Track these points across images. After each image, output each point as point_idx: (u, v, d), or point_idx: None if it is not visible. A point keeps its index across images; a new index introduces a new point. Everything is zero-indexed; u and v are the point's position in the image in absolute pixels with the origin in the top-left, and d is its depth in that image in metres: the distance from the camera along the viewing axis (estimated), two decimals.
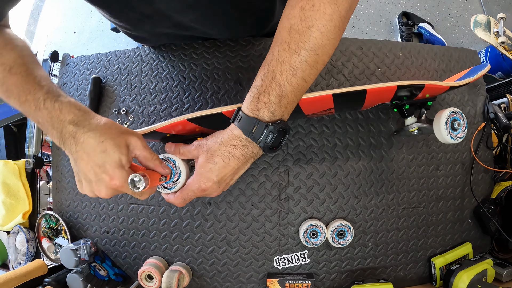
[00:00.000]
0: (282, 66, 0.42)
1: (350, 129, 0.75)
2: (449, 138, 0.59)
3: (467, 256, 0.75)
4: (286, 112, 0.45)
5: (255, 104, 0.44)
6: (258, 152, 0.47)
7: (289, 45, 0.42)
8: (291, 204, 0.74)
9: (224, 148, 0.46)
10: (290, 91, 0.43)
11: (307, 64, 0.42)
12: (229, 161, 0.46)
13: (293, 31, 0.42)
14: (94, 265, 0.70)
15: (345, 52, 0.77)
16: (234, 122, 0.46)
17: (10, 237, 0.82)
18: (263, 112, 0.43)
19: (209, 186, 0.48)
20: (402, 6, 1.84)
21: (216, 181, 0.47)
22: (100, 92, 0.79)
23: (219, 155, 0.46)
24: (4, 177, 0.83)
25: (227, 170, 0.47)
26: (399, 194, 0.75)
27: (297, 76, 0.43)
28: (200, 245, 0.74)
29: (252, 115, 0.44)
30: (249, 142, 0.46)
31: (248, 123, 0.44)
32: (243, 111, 0.45)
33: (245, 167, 0.49)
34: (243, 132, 0.45)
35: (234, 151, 0.46)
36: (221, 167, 0.47)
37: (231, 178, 0.49)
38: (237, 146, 0.46)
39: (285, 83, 0.43)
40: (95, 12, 2.11)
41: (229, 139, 0.46)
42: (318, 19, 0.41)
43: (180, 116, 0.55)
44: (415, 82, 0.57)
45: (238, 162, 0.47)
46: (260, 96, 0.43)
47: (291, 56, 0.42)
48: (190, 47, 0.78)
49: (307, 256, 0.73)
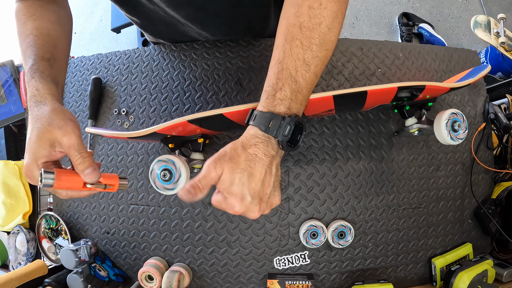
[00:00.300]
0: (297, 63, 0.43)
1: (350, 130, 0.75)
2: (449, 139, 0.59)
3: (468, 257, 0.75)
4: (301, 108, 0.45)
5: (270, 101, 0.44)
6: (278, 151, 0.44)
7: (301, 41, 0.43)
8: (292, 204, 0.74)
9: (246, 152, 0.42)
10: (305, 86, 0.44)
11: (319, 59, 0.44)
12: (254, 166, 0.42)
13: (303, 28, 0.43)
14: (94, 266, 0.70)
15: (346, 53, 0.77)
16: (249, 123, 0.45)
17: (10, 238, 0.82)
18: (279, 108, 0.43)
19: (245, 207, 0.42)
20: (402, 7, 1.84)
21: (250, 199, 0.42)
22: (101, 92, 0.79)
23: (244, 160, 0.42)
24: (4, 177, 0.83)
25: (256, 178, 0.42)
26: (399, 195, 0.75)
27: (310, 71, 0.44)
28: (200, 245, 0.74)
29: (267, 111, 0.43)
30: (267, 137, 0.43)
31: (264, 118, 0.43)
32: (258, 110, 0.44)
33: (272, 172, 0.43)
34: (259, 128, 0.43)
35: (256, 151, 0.42)
36: (250, 175, 0.41)
37: (262, 190, 0.43)
38: (257, 144, 0.42)
39: (300, 79, 0.43)
40: (95, 13, 2.11)
41: (248, 140, 0.43)
42: (326, 16, 0.43)
43: (181, 117, 0.55)
44: (415, 83, 0.57)
45: (263, 165, 0.42)
46: (276, 93, 0.43)
47: (305, 52, 0.43)
48: (190, 47, 0.78)
49: (307, 257, 0.73)
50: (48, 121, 0.44)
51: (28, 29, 0.52)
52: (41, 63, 0.49)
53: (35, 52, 0.50)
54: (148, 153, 0.76)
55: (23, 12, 0.54)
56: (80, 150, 0.45)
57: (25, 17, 0.54)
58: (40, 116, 0.45)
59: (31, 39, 0.51)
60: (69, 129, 0.45)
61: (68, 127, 0.45)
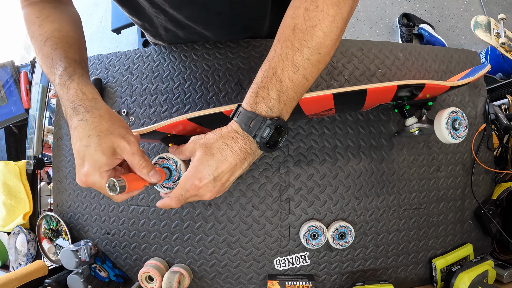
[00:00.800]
0: (284, 63, 0.43)
1: (350, 131, 0.75)
2: (450, 137, 0.59)
3: (468, 257, 0.75)
4: (285, 109, 0.45)
5: (253, 98, 0.44)
6: (256, 150, 0.46)
7: (293, 42, 0.43)
8: (292, 205, 0.74)
9: (222, 140, 0.45)
10: (291, 87, 0.43)
11: (309, 62, 0.43)
12: (226, 155, 0.44)
13: (297, 29, 0.43)
14: (94, 266, 0.70)
15: (346, 54, 0.77)
16: (233, 118, 0.46)
17: (10, 238, 0.82)
18: (261, 106, 0.43)
19: (203, 184, 0.45)
20: (403, 7, 1.84)
21: (212, 178, 0.45)
22: (101, 93, 0.79)
23: (217, 147, 0.45)
24: (5, 178, 0.83)
25: (224, 165, 0.45)
26: (399, 196, 0.75)
27: (299, 73, 0.43)
28: (200, 246, 0.74)
29: (250, 109, 0.44)
30: (247, 136, 0.45)
31: (246, 117, 0.44)
32: (243, 107, 0.45)
33: (243, 167, 0.46)
34: (240, 126, 0.44)
35: (231, 143, 0.45)
36: (218, 161, 0.44)
37: (227, 177, 0.46)
38: (235, 139, 0.45)
39: (285, 79, 0.43)
40: (96, 13, 2.12)
41: (228, 132, 0.45)
42: (322, 19, 0.42)
43: (181, 116, 0.55)
44: (415, 81, 0.57)
45: (236, 158, 0.45)
46: (259, 91, 0.44)
47: (294, 53, 0.43)
48: (191, 48, 0.78)
49: (307, 258, 0.73)
50: (109, 130, 0.45)
51: (47, 32, 0.51)
52: (76, 66, 0.49)
53: (65, 54, 0.49)
54: (148, 154, 0.76)
55: (36, 15, 0.53)
56: (142, 155, 0.47)
57: (40, 20, 0.52)
58: (97, 123, 0.44)
59: (54, 41, 0.50)
60: (131, 138, 0.46)
61: (129, 136, 0.46)
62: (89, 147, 0.43)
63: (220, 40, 0.77)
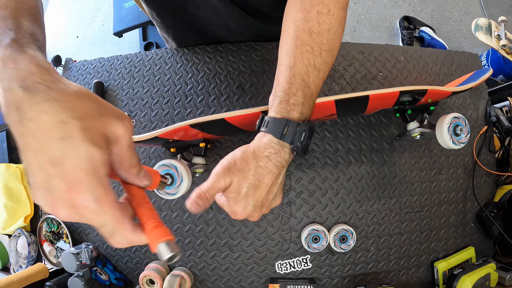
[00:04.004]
0: (308, 68, 0.43)
1: (352, 134, 0.75)
2: (451, 143, 0.59)
3: (470, 260, 0.74)
4: (309, 113, 0.45)
5: (284, 106, 0.43)
6: (290, 158, 0.43)
7: (312, 47, 0.43)
8: (293, 208, 0.74)
9: (257, 164, 0.41)
10: (315, 91, 0.45)
11: (327, 65, 0.45)
12: (263, 179, 0.41)
13: (313, 33, 0.44)
14: (95, 269, 0.70)
15: (347, 57, 0.77)
16: (261, 129, 0.43)
17: (11, 241, 0.82)
18: (293, 113, 0.43)
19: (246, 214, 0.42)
20: (403, 10, 1.85)
21: (253, 207, 0.42)
22: (103, 96, 0.80)
23: (254, 173, 0.41)
24: (6, 180, 0.83)
25: (261, 190, 0.41)
26: (401, 199, 0.75)
27: (320, 77, 0.44)
28: (202, 249, 0.74)
29: (281, 116, 0.43)
30: (281, 146, 0.42)
31: (278, 125, 0.42)
32: (270, 116, 0.43)
33: (278, 182, 0.43)
34: (274, 135, 0.42)
35: (267, 164, 0.41)
36: (256, 187, 0.41)
37: (265, 198, 0.43)
38: (270, 156, 0.42)
39: (311, 84, 0.44)
40: (97, 17, 2.13)
41: (261, 150, 0.42)
42: (334, 22, 0.44)
43: (183, 122, 0.55)
44: (417, 87, 0.57)
45: (272, 177, 0.42)
46: (290, 99, 0.43)
47: (315, 58, 0.44)
48: (192, 52, 0.78)
49: (309, 261, 0.73)
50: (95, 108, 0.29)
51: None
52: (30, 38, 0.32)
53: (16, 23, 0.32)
54: (149, 157, 0.76)
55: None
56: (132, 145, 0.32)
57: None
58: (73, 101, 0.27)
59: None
60: (128, 122, 0.31)
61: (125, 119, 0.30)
62: (67, 139, 0.26)
63: (220, 43, 0.78)
